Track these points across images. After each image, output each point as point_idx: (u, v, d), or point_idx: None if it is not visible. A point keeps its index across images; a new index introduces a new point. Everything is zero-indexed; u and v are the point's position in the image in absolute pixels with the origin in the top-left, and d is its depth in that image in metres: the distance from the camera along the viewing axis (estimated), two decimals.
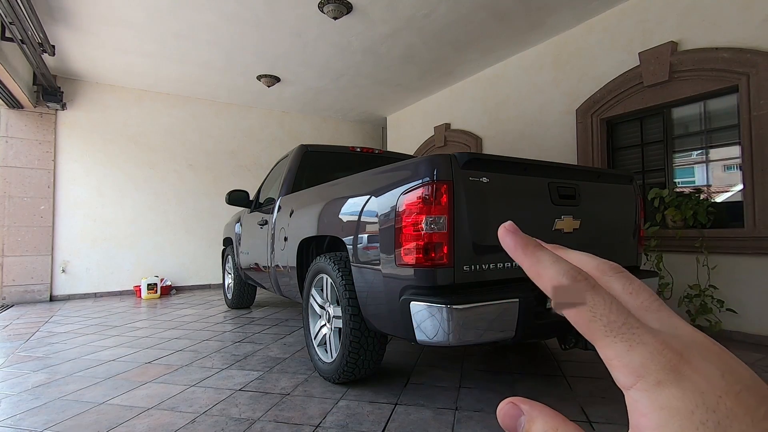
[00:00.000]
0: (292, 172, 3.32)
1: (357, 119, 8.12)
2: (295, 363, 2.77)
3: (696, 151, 3.68)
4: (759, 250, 3.08)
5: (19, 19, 3.53)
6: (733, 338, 3.20)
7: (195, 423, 1.91)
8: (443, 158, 1.76)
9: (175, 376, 2.55)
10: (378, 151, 3.74)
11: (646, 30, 3.79)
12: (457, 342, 1.63)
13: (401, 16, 4.14)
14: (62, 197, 5.66)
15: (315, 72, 5.61)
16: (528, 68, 4.99)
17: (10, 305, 5.23)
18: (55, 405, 2.13)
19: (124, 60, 5.19)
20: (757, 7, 3.12)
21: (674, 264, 3.55)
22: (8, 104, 5.14)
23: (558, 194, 2.02)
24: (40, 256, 5.47)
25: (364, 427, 1.85)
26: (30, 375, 2.60)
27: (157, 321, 4.20)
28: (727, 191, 3.50)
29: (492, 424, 1.86)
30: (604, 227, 2.26)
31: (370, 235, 2.02)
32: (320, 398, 2.17)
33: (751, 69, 3.12)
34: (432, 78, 5.89)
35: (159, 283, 5.82)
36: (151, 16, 4.14)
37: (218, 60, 5.20)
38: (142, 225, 6.19)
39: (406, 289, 1.77)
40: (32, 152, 5.48)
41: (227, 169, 6.92)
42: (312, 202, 2.67)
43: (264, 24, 4.29)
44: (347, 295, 2.16)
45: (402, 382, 2.40)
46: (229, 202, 3.89)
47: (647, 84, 3.74)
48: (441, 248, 1.70)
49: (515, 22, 4.32)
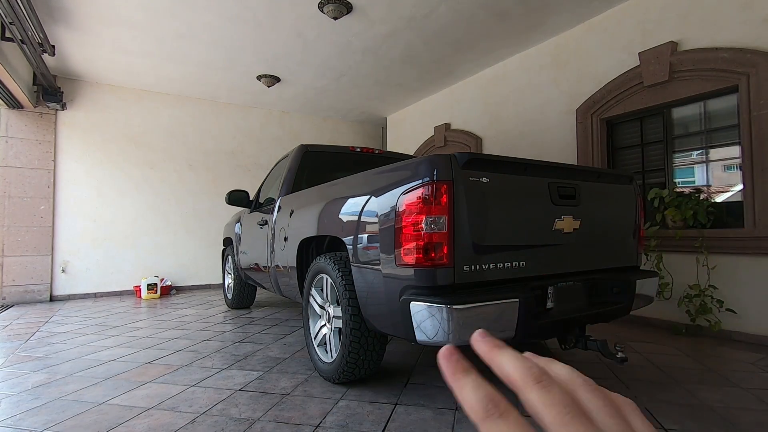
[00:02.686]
0: (292, 172, 3.32)
1: (357, 119, 8.12)
2: (295, 363, 2.77)
3: (696, 151, 3.68)
4: (759, 250, 3.08)
5: (19, 19, 3.53)
6: (733, 338, 3.20)
7: (195, 423, 1.91)
8: (443, 158, 1.76)
9: (175, 376, 2.55)
10: (378, 151, 3.74)
11: (646, 30, 3.79)
12: (457, 342, 1.62)
13: (401, 16, 4.14)
14: (62, 197, 5.66)
15: (315, 72, 5.61)
16: (528, 68, 4.99)
17: (10, 305, 5.23)
18: (55, 405, 2.13)
19: (124, 60, 5.19)
20: (757, 7, 3.12)
21: (674, 264, 3.55)
22: (8, 104, 5.14)
23: (558, 194, 2.02)
24: (40, 256, 5.47)
25: (364, 427, 1.85)
26: (30, 375, 2.60)
27: (157, 321, 4.20)
28: (727, 191, 3.50)
29: None
30: (604, 227, 2.26)
31: (370, 235, 2.02)
32: (320, 398, 2.17)
33: (751, 69, 3.12)
34: (432, 78, 5.89)
35: (159, 283, 5.82)
36: (151, 16, 4.14)
37: (218, 60, 5.20)
38: (142, 225, 6.19)
39: (406, 289, 1.77)
40: (32, 152, 5.48)
41: (227, 169, 6.92)
42: (312, 202, 2.66)
43: (264, 24, 4.29)
44: (347, 295, 2.16)
45: (402, 382, 2.40)
46: (229, 202, 3.89)
47: (647, 84, 3.74)
48: (441, 248, 1.69)
49: (515, 22, 4.32)
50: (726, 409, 1.99)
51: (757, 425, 1.84)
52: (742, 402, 2.08)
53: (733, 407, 2.02)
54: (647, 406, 2.03)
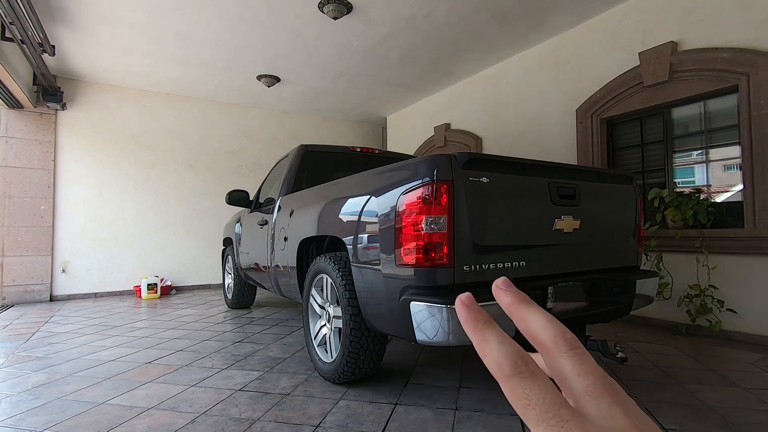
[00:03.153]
0: (292, 172, 3.32)
1: (357, 119, 8.12)
2: (295, 363, 2.77)
3: (696, 151, 3.68)
4: (759, 250, 3.08)
5: (19, 19, 3.53)
6: (733, 338, 3.20)
7: (195, 423, 1.91)
8: (443, 158, 1.76)
9: (175, 376, 2.55)
10: (378, 151, 3.74)
11: (646, 30, 3.79)
12: (457, 342, 1.63)
13: (401, 16, 4.14)
14: (62, 197, 5.66)
15: (315, 72, 5.61)
16: (528, 68, 4.99)
17: (10, 305, 5.23)
18: (55, 405, 2.13)
19: (124, 60, 5.19)
20: (757, 7, 3.12)
21: (674, 264, 3.55)
22: (8, 104, 5.14)
23: (558, 194, 2.02)
24: (40, 256, 5.47)
25: (364, 427, 1.85)
26: (30, 375, 2.60)
27: (157, 321, 4.20)
28: (727, 191, 3.50)
29: (492, 424, 1.86)
30: (604, 227, 2.26)
31: (370, 235, 2.02)
32: (320, 398, 2.17)
33: (751, 69, 3.12)
34: (432, 78, 5.89)
35: (159, 283, 5.82)
36: (151, 16, 4.14)
37: (219, 60, 5.20)
38: (142, 225, 6.19)
39: (406, 289, 1.77)
40: (32, 152, 5.48)
41: (227, 169, 6.92)
42: (312, 202, 2.66)
43: (264, 24, 4.29)
44: (347, 295, 2.16)
45: (402, 382, 2.40)
46: (229, 202, 3.89)
47: (647, 84, 3.73)
48: (441, 248, 1.70)
49: (515, 22, 4.32)
50: (726, 409, 1.99)
51: (757, 425, 1.84)
52: (742, 402, 2.08)
53: (733, 407, 2.02)
54: (647, 406, 2.03)
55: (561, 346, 0.23)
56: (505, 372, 0.22)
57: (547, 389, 0.20)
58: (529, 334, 0.24)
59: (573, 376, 0.22)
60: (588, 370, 0.22)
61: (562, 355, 0.22)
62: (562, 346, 0.23)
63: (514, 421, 1.88)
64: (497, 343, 0.23)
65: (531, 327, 0.24)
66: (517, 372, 0.21)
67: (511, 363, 0.22)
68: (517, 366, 0.22)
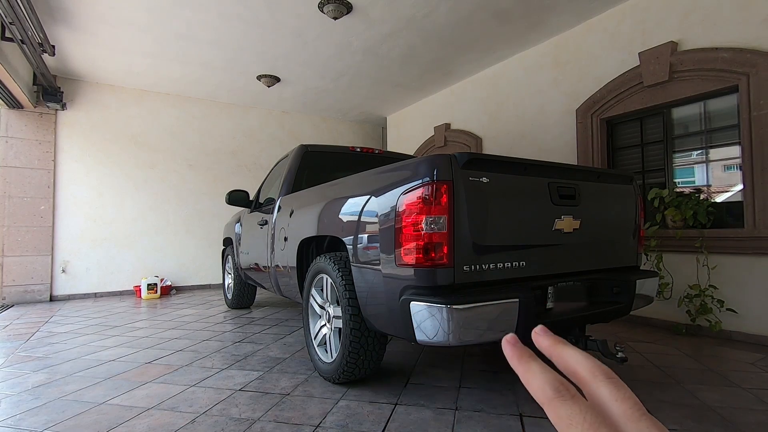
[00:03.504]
0: (292, 172, 3.32)
1: (357, 119, 8.12)
2: (295, 363, 2.77)
3: (696, 151, 3.68)
4: (759, 250, 3.08)
5: (19, 19, 3.53)
6: (733, 338, 3.20)
7: (195, 423, 1.91)
8: (443, 158, 1.76)
9: (175, 376, 2.55)
10: (378, 151, 3.74)
11: (646, 30, 3.79)
12: (457, 342, 1.63)
13: (401, 16, 4.14)
14: (62, 197, 5.66)
15: (315, 72, 5.61)
16: (528, 68, 4.99)
17: (10, 305, 5.23)
18: (55, 405, 2.13)
19: (125, 60, 5.19)
20: (757, 7, 3.12)
21: (674, 264, 3.55)
22: (8, 104, 5.14)
23: (558, 194, 2.02)
24: (40, 256, 5.47)
25: (364, 427, 1.85)
26: (30, 375, 2.60)
27: (157, 321, 4.20)
28: (727, 191, 3.50)
29: (492, 424, 1.86)
30: (604, 227, 2.26)
31: (370, 235, 2.02)
32: (320, 398, 2.17)
33: (751, 69, 3.12)
34: (432, 78, 5.89)
35: (159, 283, 5.82)
36: (151, 16, 4.14)
37: (218, 60, 5.20)
38: (142, 225, 6.19)
39: (406, 289, 1.77)
40: (32, 152, 5.48)
41: (227, 169, 6.92)
42: (312, 202, 2.66)
43: (264, 24, 4.29)
44: (347, 295, 2.16)
45: (402, 382, 2.40)
46: (229, 202, 3.89)
47: (647, 84, 3.74)
48: (441, 248, 1.69)
49: (515, 22, 4.32)
50: (726, 409, 2.00)
51: (757, 425, 1.84)
52: (742, 402, 2.08)
53: (733, 407, 2.02)
54: (647, 406, 2.03)
55: (598, 375, 0.25)
56: (548, 396, 0.25)
57: (587, 410, 0.23)
58: (567, 369, 0.27)
59: (611, 402, 0.24)
60: (625, 396, 0.24)
61: (599, 384, 0.25)
62: (599, 375, 0.25)
63: (514, 421, 1.88)
64: (540, 373, 0.26)
65: (569, 363, 0.27)
66: (559, 395, 0.24)
67: (554, 388, 0.25)
68: (558, 390, 0.24)
